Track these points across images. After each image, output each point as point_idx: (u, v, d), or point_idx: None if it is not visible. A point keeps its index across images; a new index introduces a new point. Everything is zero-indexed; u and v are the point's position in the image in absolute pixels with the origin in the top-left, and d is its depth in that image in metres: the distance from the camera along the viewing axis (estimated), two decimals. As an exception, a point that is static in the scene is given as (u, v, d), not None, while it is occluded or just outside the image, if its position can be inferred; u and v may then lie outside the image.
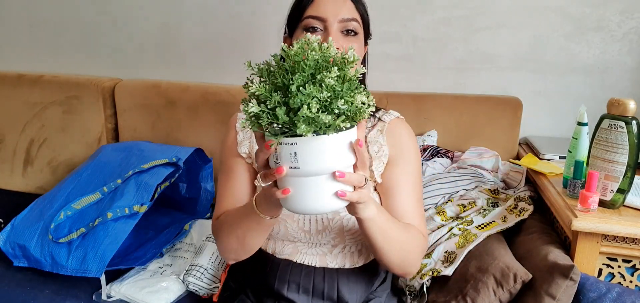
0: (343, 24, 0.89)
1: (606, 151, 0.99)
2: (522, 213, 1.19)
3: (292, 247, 0.94)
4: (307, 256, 0.93)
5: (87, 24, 1.90)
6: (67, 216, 1.26)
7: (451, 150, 1.49)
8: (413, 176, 0.93)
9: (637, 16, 1.48)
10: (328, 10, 0.88)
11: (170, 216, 1.49)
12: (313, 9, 0.88)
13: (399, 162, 0.93)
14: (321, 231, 0.91)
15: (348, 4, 0.90)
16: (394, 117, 0.98)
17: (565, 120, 1.57)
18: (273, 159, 0.65)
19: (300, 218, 0.90)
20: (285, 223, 0.90)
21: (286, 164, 0.63)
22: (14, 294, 1.20)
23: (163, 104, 1.68)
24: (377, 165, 0.92)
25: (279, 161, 0.64)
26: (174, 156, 1.38)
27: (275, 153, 0.64)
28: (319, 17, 0.88)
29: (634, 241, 0.98)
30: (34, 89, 1.81)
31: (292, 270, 0.93)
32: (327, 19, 0.87)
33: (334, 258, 0.93)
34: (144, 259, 1.28)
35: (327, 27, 0.88)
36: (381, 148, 0.93)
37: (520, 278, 0.96)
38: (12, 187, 1.85)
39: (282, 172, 0.62)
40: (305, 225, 0.90)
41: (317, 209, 0.67)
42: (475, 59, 1.60)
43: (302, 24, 0.89)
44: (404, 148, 0.94)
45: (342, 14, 0.88)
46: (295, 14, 0.92)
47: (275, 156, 0.64)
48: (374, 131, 0.95)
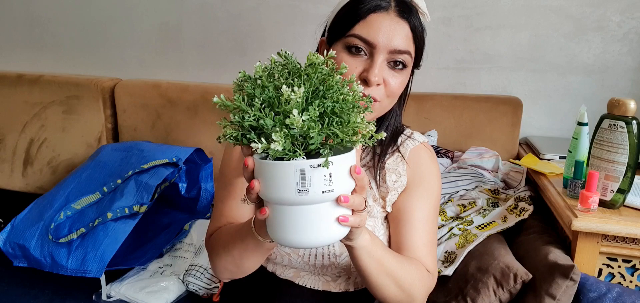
0: (392, 55, 0.75)
1: (606, 151, 0.99)
2: (522, 213, 1.19)
3: (293, 272, 0.89)
4: (309, 281, 0.88)
5: (87, 24, 1.90)
6: (67, 216, 1.26)
7: (451, 150, 1.49)
8: (428, 207, 0.84)
9: (637, 16, 1.47)
10: (380, 36, 0.74)
11: (170, 216, 1.49)
12: (363, 29, 0.75)
13: (416, 190, 0.85)
14: (327, 265, 0.85)
15: (405, 31, 0.76)
16: (417, 143, 0.88)
17: (565, 120, 1.57)
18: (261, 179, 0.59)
19: (306, 253, 0.84)
20: (290, 257, 0.85)
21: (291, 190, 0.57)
22: (14, 294, 1.20)
23: (163, 104, 1.68)
24: (392, 196, 0.85)
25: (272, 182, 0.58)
26: (174, 156, 1.38)
27: (255, 170, 0.59)
28: (367, 41, 0.74)
29: (634, 241, 0.98)
30: (34, 89, 1.81)
31: (293, 292, 0.88)
32: (376, 45, 0.74)
33: (338, 285, 0.89)
34: (144, 259, 1.28)
35: (373, 54, 0.75)
36: (399, 177, 0.85)
37: (520, 278, 0.96)
38: (12, 187, 1.85)
39: (253, 186, 0.57)
40: (310, 259, 0.84)
41: (314, 240, 0.60)
42: (475, 59, 1.60)
43: (346, 40, 0.76)
44: (424, 176, 0.85)
45: (395, 44, 0.75)
46: (341, 24, 0.77)
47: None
48: (395, 157, 0.86)
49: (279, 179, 0.56)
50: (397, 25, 0.75)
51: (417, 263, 0.80)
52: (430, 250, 0.84)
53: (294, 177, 0.56)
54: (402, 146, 0.87)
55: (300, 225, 0.59)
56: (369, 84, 0.74)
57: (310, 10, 1.65)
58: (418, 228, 0.83)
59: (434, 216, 0.86)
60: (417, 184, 0.85)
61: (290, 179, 0.56)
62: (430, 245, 0.84)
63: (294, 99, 0.55)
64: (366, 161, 0.88)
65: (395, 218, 0.85)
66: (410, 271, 0.78)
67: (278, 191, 0.57)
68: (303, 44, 1.61)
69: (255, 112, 0.56)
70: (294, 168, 0.55)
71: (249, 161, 0.58)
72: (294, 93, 0.55)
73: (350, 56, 0.76)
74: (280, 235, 0.60)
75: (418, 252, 0.82)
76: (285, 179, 0.56)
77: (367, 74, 0.74)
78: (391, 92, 0.78)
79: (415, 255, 0.82)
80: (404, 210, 0.84)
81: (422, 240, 0.83)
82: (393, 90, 0.77)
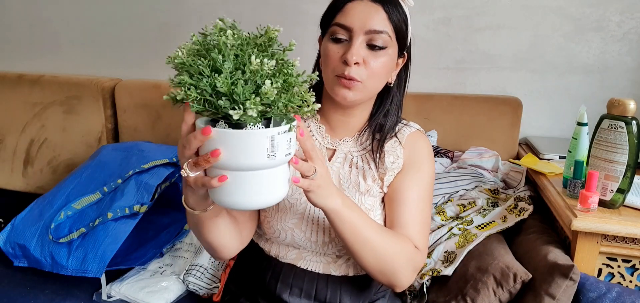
0: (369, 36, 0.81)
1: (606, 151, 0.99)
2: (522, 213, 1.19)
3: (296, 253, 0.93)
4: (311, 263, 0.92)
5: (87, 24, 1.90)
6: (67, 216, 1.26)
7: (451, 150, 1.49)
8: (421, 188, 0.90)
9: (637, 16, 1.48)
10: (355, 20, 0.81)
11: (170, 216, 1.49)
12: (341, 17, 0.82)
13: (410, 172, 0.90)
14: (327, 243, 0.89)
15: (380, 14, 0.81)
16: (414, 129, 0.95)
17: (565, 120, 1.57)
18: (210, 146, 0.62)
19: (308, 229, 0.88)
20: (293, 232, 0.89)
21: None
22: (14, 294, 1.20)
23: (163, 104, 1.68)
24: (390, 177, 0.90)
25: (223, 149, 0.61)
26: (174, 156, 1.38)
27: (213, 139, 0.61)
28: (345, 26, 0.81)
29: (634, 241, 0.98)
30: (34, 89, 1.82)
31: (295, 275, 0.91)
32: (352, 28, 0.81)
33: (338, 267, 0.92)
34: (144, 259, 1.28)
35: (352, 37, 0.81)
36: (397, 159, 0.91)
37: (520, 278, 0.96)
38: (12, 187, 1.85)
39: (217, 154, 0.60)
40: (312, 235, 0.88)
41: (271, 199, 0.66)
42: (475, 59, 1.60)
43: (330, 30, 0.84)
44: (417, 159, 0.91)
45: (370, 25, 0.80)
46: (326, 18, 0.86)
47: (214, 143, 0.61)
48: (392, 142, 0.92)
49: (250, 147, 0.60)
50: (371, 8, 0.82)
51: (404, 238, 0.85)
52: (420, 228, 0.88)
53: (265, 143, 0.60)
54: (400, 132, 0.94)
55: (260, 188, 0.63)
56: (348, 63, 0.81)
57: (310, 10, 1.65)
58: (410, 207, 0.88)
59: (426, 197, 0.91)
60: (411, 166, 0.91)
61: (262, 145, 0.60)
62: (421, 223, 0.88)
63: (265, 70, 0.60)
64: (367, 145, 0.93)
65: (389, 197, 0.90)
66: (392, 243, 0.82)
67: (249, 158, 0.61)
68: (303, 44, 1.60)
69: (223, 79, 0.59)
70: (266, 135, 0.60)
71: (211, 130, 0.60)
72: (265, 65, 0.60)
73: (335, 44, 0.83)
74: (236, 199, 0.64)
75: (408, 229, 0.86)
76: (256, 146, 0.60)
77: (346, 56, 0.81)
78: (373, 72, 0.83)
79: (405, 232, 0.86)
80: (398, 189, 0.89)
81: (413, 218, 0.87)
82: (374, 70, 0.83)
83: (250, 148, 0.60)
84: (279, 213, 0.89)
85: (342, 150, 0.93)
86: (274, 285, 0.92)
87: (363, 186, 0.89)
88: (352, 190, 0.89)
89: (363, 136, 0.93)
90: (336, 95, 0.84)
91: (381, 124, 0.92)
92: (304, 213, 0.88)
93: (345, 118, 0.92)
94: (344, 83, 0.82)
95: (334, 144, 0.93)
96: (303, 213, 0.88)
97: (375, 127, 0.92)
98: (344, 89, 0.83)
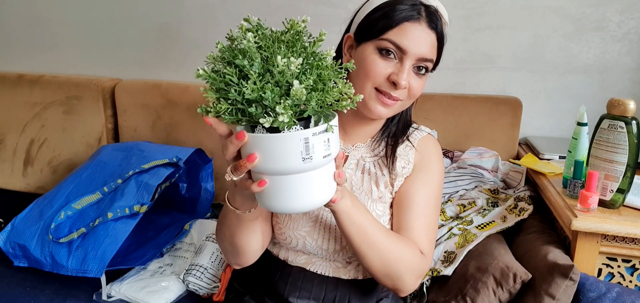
0: (418, 61, 0.82)
1: (606, 151, 0.99)
2: (522, 213, 1.19)
3: (306, 258, 0.92)
4: (320, 267, 0.92)
5: (87, 24, 1.90)
6: (68, 216, 1.26)
7: (451, 150, 1.49)
8: (429, 193, 0.89)
9: (637, 16, 1.48)
10: (412, 44, 0.80)
11: (170, 216, 1.49)
12: (397, 35, 0.80)
13: (418, 176, 0.90)
14: (338, 250, 0.89)
15: (432, 41, 0.83)
16: (425, 133, 0.95)
17: (565, 120, 1.57)
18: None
19: (320, 237, 0.88)
20: (305, 239, 0.88)
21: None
22: (14, 294, 1.20)
23: (163, 104, 1.68)
24: (399, 182, 0.90)
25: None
26: (174, 156, 1.38)
27: (249, 144, 0.60)
28: (400, 47, 0.80)
29: (634, 241, 0.98)
30: (34, 89, 1.81)
31: (304, 278, 0.91)
32: (407, 52, 0.80)
33: (348, 272, 0.92)
34: (144, 259, 1.28)
35: (403, 59, 0.81)
36: (408, 164, 0.91)
37: (519, 278, 0.96)
38: (12, 187, 1.85)
39: (254, 159, 0.59)
40: (324, 244, 0.88)
41: (311, 204, 0.63)
42: (475, 59, 1.60)
43: (379, 43, 0.81)
44: (427, 164, 0.91)
45: (423, 52, 0.81)
46: (374, 26, 0.82)
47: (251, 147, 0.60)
48: (404, 145, 0.92)
49: (283, 151, 0.58)
50: (426, 35, 0.82)
51: (409, 243, 0.84)
52: (426, 233, 0.87)
53: (299, 146, 0.58)
54: (411, 136, 0.94)
55: (300, 191, 0.61)
56: (397, 86, 0.81)
57: (310, 10, 1.65)
58: (416, 212, 0.87)
59: (434, 202, 0.90)
60: (420, 170, 0.91)
61: (295, 149, 0.58)
62: (427, 228, 0.87)
63: (292, 70, 0.56)
64: (379, 151, 0.92)
65: (397, 201, 0.90)
66: (398, 247, 0.81)
67: (282, 162, 0.59)
68: (303, 44, 1.61)
69: (252, 86, 0.56)
70: (298, 138, 0.57)
71: (245, 135, 0.59)
72: (292, 64, 0.56)
73: (381, 57, 0.82)
74: (279, 203, 0.63)
75: (414, 233, 0.86)
76: (290, 150, 0.58)
77: (397, 78, 0.80)
78: (413, 94, 0.85)
79: (411, 236, 0.85)
80: (405, 194, 0.89)
81: (419, 223, 0.87)
82: (414, 92, 0.84)
83: (284, 151, 0.58)
84: (292, 221, 0.88)
85: (354, 156, 0.92)
86: (283, 287, 0.92)
87: (376, 194, 0.89)
88: (365, 197, 0.89)
89: (376, 142, 0.93)
90: (370, 109, 0.83)
91: (395, 131, 0.93)
92: (317, 220, 0.88)
93: (363, 125, 0.91)
94: (384, 101, 0.82)
95: (346, 150, 0.92)
96: (316, 220, 0.88)
97: (389, 133, 0.92)
98: (381, 105, 0.82)
